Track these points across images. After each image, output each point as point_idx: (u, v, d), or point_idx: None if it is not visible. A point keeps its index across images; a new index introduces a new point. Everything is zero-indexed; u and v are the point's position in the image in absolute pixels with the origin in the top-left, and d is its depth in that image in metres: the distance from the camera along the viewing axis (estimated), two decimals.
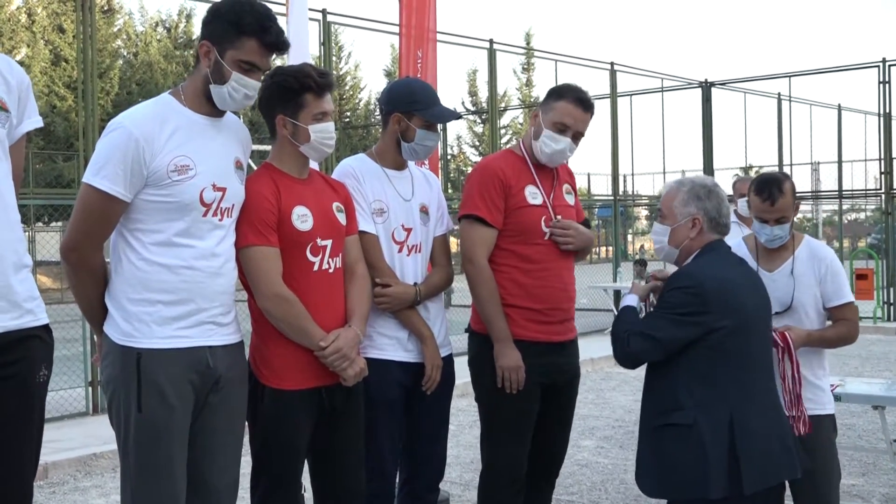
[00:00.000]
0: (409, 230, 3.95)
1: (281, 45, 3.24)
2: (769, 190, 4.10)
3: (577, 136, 4.11)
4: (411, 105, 3.96)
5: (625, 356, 3.57)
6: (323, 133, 3.50)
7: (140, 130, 3.05)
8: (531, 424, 4.10)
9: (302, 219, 3.45)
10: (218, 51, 3.17)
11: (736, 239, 7.37)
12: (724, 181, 19.41)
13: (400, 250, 3.93)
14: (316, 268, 3.48)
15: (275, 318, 3.39)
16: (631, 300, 3.76)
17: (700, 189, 3.68)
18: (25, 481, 2.90)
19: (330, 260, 3.53)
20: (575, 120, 4.07)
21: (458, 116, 4.10)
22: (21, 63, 28.46)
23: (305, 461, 3.61)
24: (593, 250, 34.13)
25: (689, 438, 3.38)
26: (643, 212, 38.98)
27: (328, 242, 3.52)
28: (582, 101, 4.10)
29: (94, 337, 3.16)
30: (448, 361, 4.08)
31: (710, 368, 3.41)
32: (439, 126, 4.08)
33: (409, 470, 4.07)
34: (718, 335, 3.40)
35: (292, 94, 3.47)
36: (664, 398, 3.49)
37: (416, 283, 3.94)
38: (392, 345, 3.91)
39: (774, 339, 3.86)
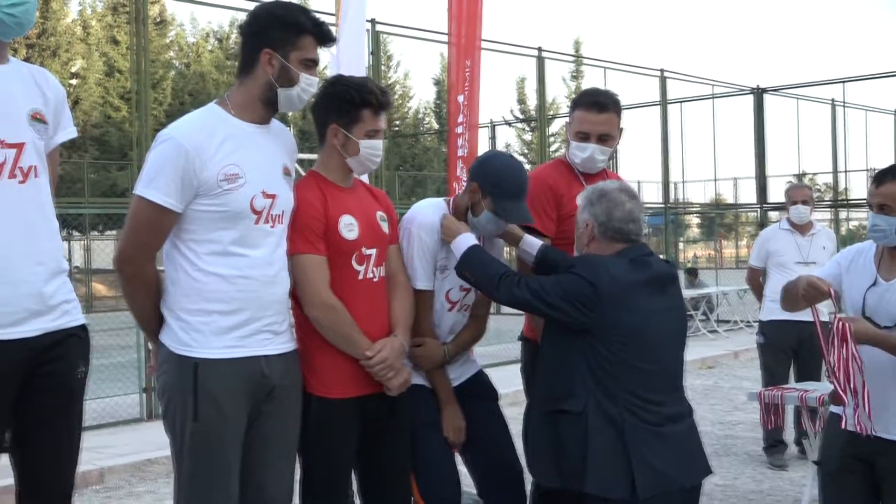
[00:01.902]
0: (466, 291, 3.88)
1: (332, 37, 3.33)
2: (883, 174, 3.80)
3: (603, 139, 4.10)
4: (493, 188, 3.75)
5: (511, 295, 3.43)
6: (372, 149, 3.52)
7: (190, 141, 3.08)
8: None
9: (348, 227, 3.46)
10: (281, 55, 3.20)
11: (792, 247, 7.38)
12: (777, 188, 19.21)
13: (450, 309, 3.89)
14: (361, 276, 3.48)
15: (322, 327, 3.40)
16: (470, 240, 3.62)
17: (593, 193, 3.53)
18: (67, 473, 3.13)
19: (374, 269, 3.53)
20: (592, 125, 4.08)
21: (527, 221, 3.84)
22: (76, 74, 28.99)
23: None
24: None
25: (575, 426, 3.28)
26: (694, 220, 38.63)
27: (373, 251, 3.52)
28: (595, 105, 4.09)
29: (149, 345, 3.22)
30: (479, 377, 4.04)
31: (606, 363, 3.28)
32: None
33: (483, 471, 3.96)
34: (608, 340, 3.27)
35: (351, 106, 3.47)
36: (557, 381, 3.38)
37: (444, 344, 3.86)
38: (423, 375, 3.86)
39: (832, 326, 3.56)
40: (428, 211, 3.85)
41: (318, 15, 3.30)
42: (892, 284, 3.78)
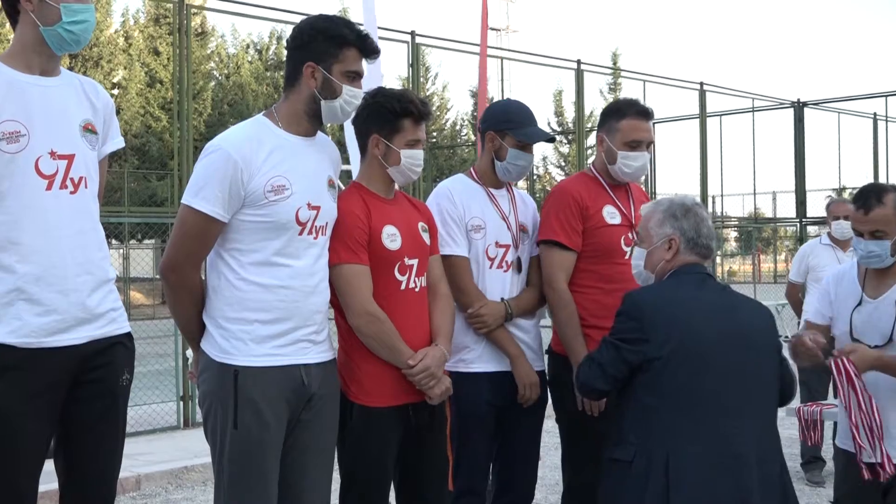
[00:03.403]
0: (505, 247, 3.97)
1: (377, 50, 3.34)
2: (865, 198, 3.75)
3: (649, 146, 4.16)
4: (505, 124, 4.00)
5: (578, 385, 3.40)
6: (413, 159, 3.56)
7: (238, 152, 3.12)
8: None
9: (391, 238, 3.49)
10: (324, 68, 3.23)
11: (833, 262, 7.30)
12: (818, 203, 19.02)
13: (490, 266, 3.95)
14: (403, 286, 3.52)
15: (365, 336, 3.42)
16: None
17: (677, 208, 3.45)
18: (110, 477, 3.20)
19: (416, 279, 3.56)
20: (644, 132, 4.11)
21: (550, 138, 4.09)
22: (118, 85, 29.33)
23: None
24: None
25: (627, 476, 3.15)
26: (732, 233, 38.32)
27: (415, 261, 3.55)
28: (644, 113, 4.14)
29: (188, 352, 3.27)
30: (541, 377, 4.08)
31: (652, 402, 3.15)
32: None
33: (498, 489, 4.07)
34: (659, 364, 3.13)
35: (392, 116, 3.53)
36: (615, 429, 3.30)
37: (503, 299, 3.94)
38: (480, 356, 3.94)
39: (831, 367, 3.51)
40: (444, 183, 4.08)
41: (361, 27, 3.33)
42: (879, 302, 3.77)
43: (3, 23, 26.07)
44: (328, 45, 3.23)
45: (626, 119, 4.09)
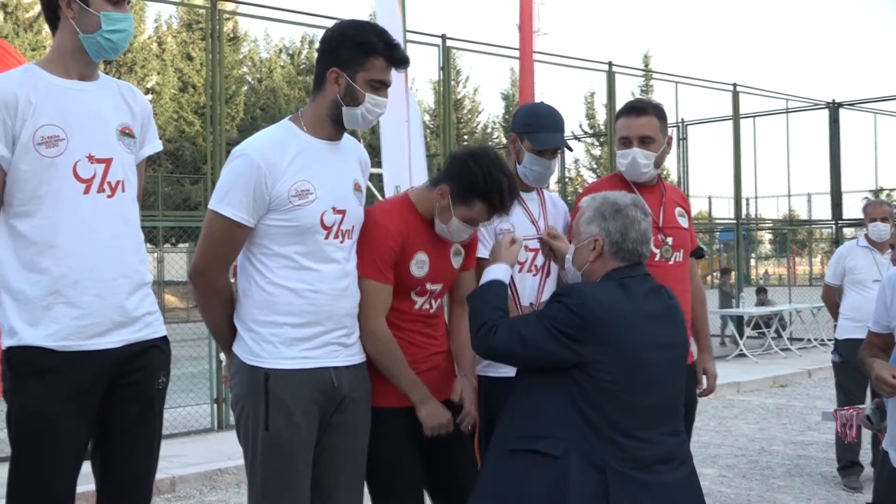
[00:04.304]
0: (535, 251, 3.93)
1: (406, 61, 3.30)
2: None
3: (644, 142, 4.12)
4: (524, 127, 3.98)
5: (487, 346, 3.18)
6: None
7: (262, 157, 3.13)
8: None
9: (419, 265, 3.47)
10: (348, 74, 3.21)
11: (870, 264, 7.22)
12: (854, 205, 18.81)
13: (520, 270, 3.91)
14: (416, 307, 3.51)
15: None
16: (500, 272, 3.36)
17: (608, 207, 3.26)
18: (146, 480, 3.22)
19: (433, 300, 3.57)
20: (629, 128, 4.14)
21: (562, 146, 3.97)
22: (152, 90, 29.65)
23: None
24: (714, 275, 33.08)
25: (551, 470, 2.99)
26: (766, 236, 38.05)
27: (437, 287, 3.56)
28: (630, 110, 4.19)
29: (221, 355, 3.28)
30: None
31: (591, 398, 3.02)
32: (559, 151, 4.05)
33: None
34: (597, 372, 3.01)
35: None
36: (532, 421, 3.11)
37: (531, 304, 3.92)
38: None
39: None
40: None
41: (392, 37, 3.26)
42: None
43: (39, 30, 26.39)
44: (355, 51, 3.20)
45: (619, 119, 4.22)
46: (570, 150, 4.02)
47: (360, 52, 3.20)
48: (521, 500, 3.02)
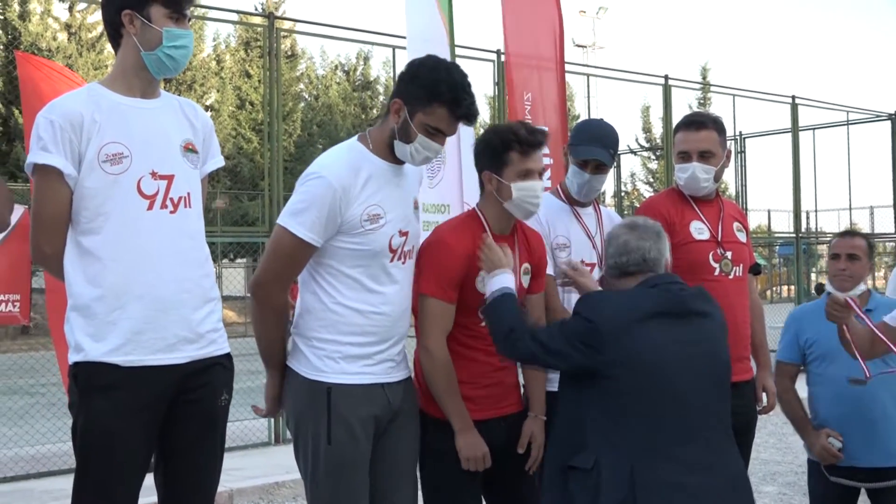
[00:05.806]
0: (591, 265, 3.91)
1: (471, 117, 3.25)
2: None
3: (704, 156, 4.09)
4: (571, 139, 4.04)
5: (517, 353, 3.26)
6: (526, 191, 3.43)
7: (338, 181, 3.15)
8: None
9: (480, 282, 3.43)
10: (409, 111, 3.21)
11: None
12: None
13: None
14: (482, 324, 3.46)
15: (424, 370, 3.41)
16: (507, 280, 3.32)
17: (608, 239, 3.45)
18: (208, 495, 3.25)
19: None
20: (688, 142, 4.11)
21: (597, 158, 3.90)
22: (210, 107, 30.12)
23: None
24: (774, 289, 32.49)
25: (587, 484, 3.02)
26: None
27: None
28: (690, 123, 4.16)
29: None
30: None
31: (617, 406, 3.05)
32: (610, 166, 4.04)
33: None
34: (612, 378, 3.04)
35: (498, 150, 3.45)
36: (573, 433, 3.15)
37: None
38: None
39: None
40: None
41: (469, 84, 3.21)
42: None
43: (101, 49, 26.92)
44: (421, 92, 3.20)
45: (678, 133, 4.20)
46: (609, 165, 3.95)
47: (425, 95, 3.20)
48: None
